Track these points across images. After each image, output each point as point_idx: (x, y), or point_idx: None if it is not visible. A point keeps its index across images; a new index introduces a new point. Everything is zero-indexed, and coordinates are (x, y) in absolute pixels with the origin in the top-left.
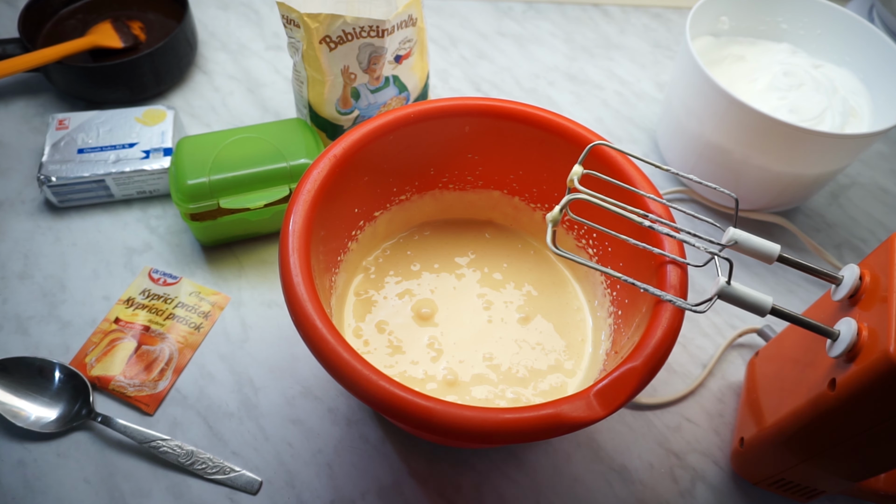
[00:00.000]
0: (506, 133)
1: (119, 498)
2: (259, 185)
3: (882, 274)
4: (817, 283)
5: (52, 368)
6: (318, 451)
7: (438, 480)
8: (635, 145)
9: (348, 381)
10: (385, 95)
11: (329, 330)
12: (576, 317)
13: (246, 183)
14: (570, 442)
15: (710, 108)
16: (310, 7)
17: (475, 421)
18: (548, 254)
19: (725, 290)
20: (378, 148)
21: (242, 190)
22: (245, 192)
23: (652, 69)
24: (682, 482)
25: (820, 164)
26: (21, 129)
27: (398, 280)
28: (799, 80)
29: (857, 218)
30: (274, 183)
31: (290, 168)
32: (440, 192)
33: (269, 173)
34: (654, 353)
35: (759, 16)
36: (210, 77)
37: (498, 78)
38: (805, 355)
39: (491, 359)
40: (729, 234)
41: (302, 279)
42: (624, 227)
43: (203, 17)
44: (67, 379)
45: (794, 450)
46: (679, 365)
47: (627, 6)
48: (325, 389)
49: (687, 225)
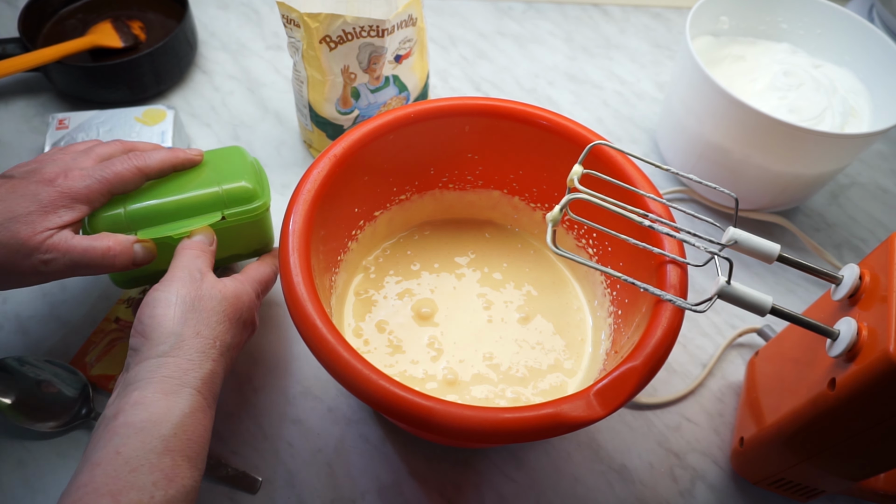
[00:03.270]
0: (506, 133)
1: None
2: (186, 213)
3: (882, 274)
4: (817, 282)
5: (52, 368)
6: (318, 451)
7: (438, 480)
8: (635, 145)
9: (348, 380)
10: (385, 95)
11: (329, 330)
12: (576, 316)
13: (170, 212)
14: (570, 442)
15: (709, 108)
16: (310, 7)
17: (475, 421)
18: (548, 254)
19: (725, 289)
20: (378, 148)
21: (167, 220)
22: (170, 221)
23: (652, 69)
24: (682, 482)
25: (820, 164)
26: (21, 129)
27: (398, 280)
28: (799, 80)
29: (857, 218)
30: (204, 210)
31: (222, 193)
32: (440, 192)
33: (199, 200)
34: (654, 352)
35: (759, 16)
36: (210, 77)
37: (498, 78)
38: (805, 355)
39: (491, 358)
40: (729, 234)
41: (302, 279)
42: (624, 226)
43: (203, 17)
44: (68, 379)
45: (794, 449)
46: (679, 365)
47: (627, 6)
48: (325, 389)
49: (687, 225)
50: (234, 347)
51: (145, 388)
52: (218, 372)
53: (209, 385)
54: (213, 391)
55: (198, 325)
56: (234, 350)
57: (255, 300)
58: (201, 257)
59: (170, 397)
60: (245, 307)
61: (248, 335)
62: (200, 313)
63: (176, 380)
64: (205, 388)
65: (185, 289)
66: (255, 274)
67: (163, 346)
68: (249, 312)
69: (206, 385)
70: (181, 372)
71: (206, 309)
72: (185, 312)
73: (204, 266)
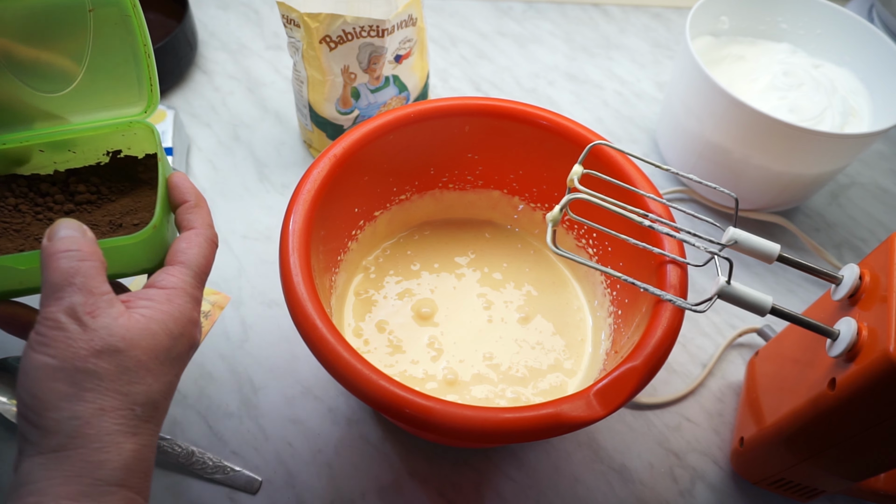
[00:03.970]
0: (506, 133)
1: None
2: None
3: (882, 274)
4: (817, 282)
5: None
6: (318, 451)
7: (438, 480)
8: (635, 145)
9: (348, 380)
10: (385, 95)
11: (329, 330)
12: (576, 316)
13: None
14: (570, 441)
15: (709, 108)
16: (310, 7)
17: (475, 420)
18: (548, 254)
19: (725, 289)
20: (378, 148)
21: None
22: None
23: (652, 69)
24: (682, 482)
25: (820, 164)
26: None
27: (398, 280)
28: (799, 80)
29: (857, 218)
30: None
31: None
32: (440, 192)
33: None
34: (654, 352)
35: (759, 16)
36: (210, 77)
37: (498, 78)
38: (805, 355)
39: (491, 358)
40: (729, 234)
41: (302, 279)
42: (624, 226)
43: (203, 17)
44: None
45: (793, 449)
46: (679, 364)
47: (627, 6)
48: (325, 389)
49: (687, 224)
50: (167, 395)
51: (45, 493)
52: (147, 444)
53: (135, 470)
54: (144, 471)
55: (100, 397)
56: (168, 397)
57: (193, 310)
58: (83, 268)
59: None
60: (177, 333)
61: (190, 358)
62: (100, 379)
63: (86, 478)
64: (131, 476)
65: (70, 343)
66: (191, 262)
67: (57, 438)
68: (188, 336)
69: (132, 472)
70: (91, 467)
71: (109, 370)
72: (78, 381)
73: (94, 283)
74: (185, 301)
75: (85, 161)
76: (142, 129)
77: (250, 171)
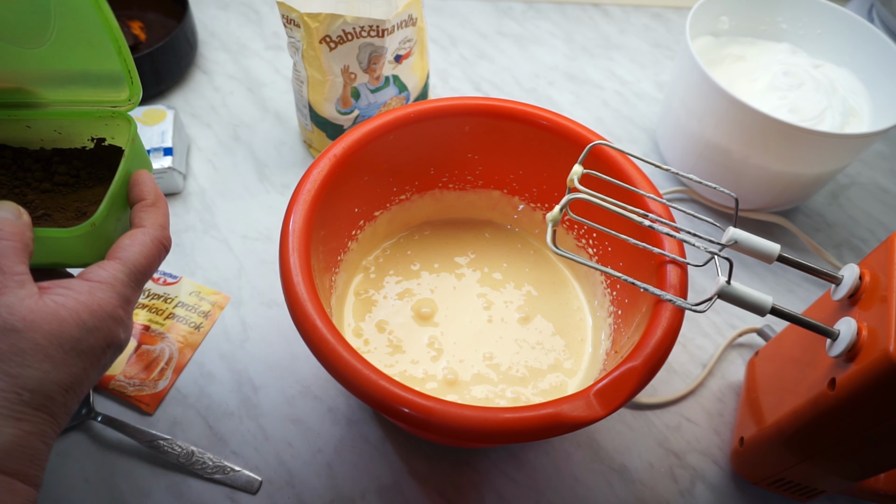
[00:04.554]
0: (506, 133)
1: (119, 497)
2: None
3: (882, 274)
4: (817, 282)
5: None
6: (318, 451)
7: (438, 480)
8: (635, 145)
9: (348, 380)
10: (385, 95)
11: (329, 330)
12: (576, 316)
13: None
14: (570, 442)
15: (710, 108)
16: (310, 7)
17: (475, 421)
18: (548, 254)
19: (725, 289)
20: (378, 148)
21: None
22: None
23: (652, 69)
24: (682, 482)
25: (820, 164)
26: None
27: (398, 280)
28: (799, 80)
29: (857, 218)
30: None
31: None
32: (440, 192)
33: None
34: (654, 352)
35: (759, 16)
36: (210, 77)
37: (498, 78)
38: (805, 355)
39: (491, 358)
40: (729, 234)
41: (302, 279)
42: (624, 226)
43: (203, 17)
44: None
45: (793, 449)
46: (679, 365)
47: (627, 6)
48: (325, 389)
49: (687, 225)
50: (69, 388)
51: None
52: (34, 432)
53: (16, 455)
54: (30, 457)
55: None
56: (71, 391)
57: (118, 307)
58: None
59: None
60: (90, 326)
61: (109, 358)
62: None
63: None
64: (10, 461)
65: None
66: (129, 259)
67: None
68: (104, 332)
69: (11, 456)
70: None
71: (1, 349)
72: None
73: (7, 262)
74: (108, 296)
75: (70, 144)
76: (124, 121)
77: (250, 171)
